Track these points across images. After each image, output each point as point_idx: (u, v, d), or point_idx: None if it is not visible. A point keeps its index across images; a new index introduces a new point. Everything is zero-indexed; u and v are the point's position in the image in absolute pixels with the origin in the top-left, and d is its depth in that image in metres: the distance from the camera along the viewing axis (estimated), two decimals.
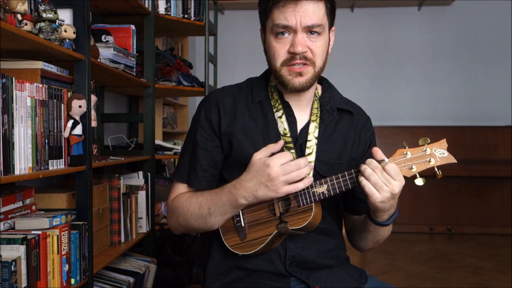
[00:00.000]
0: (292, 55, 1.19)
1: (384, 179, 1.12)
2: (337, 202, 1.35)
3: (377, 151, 1.16)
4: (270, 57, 1.24)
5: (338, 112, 1.33)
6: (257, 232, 1.21)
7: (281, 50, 1.20)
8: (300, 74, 1.21)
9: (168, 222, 1.34)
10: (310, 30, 1.19)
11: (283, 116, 1.28)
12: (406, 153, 1.16)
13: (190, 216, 1.24)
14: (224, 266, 1.28)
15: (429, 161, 1.16)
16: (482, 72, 4.95)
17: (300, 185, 1.12)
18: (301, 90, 1.23)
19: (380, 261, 3.57)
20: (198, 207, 1.22)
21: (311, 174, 1.19)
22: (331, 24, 1.25)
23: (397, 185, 1.12)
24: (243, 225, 1.22)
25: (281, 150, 1.17)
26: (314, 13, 1.17)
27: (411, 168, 1.16)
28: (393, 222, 1.25)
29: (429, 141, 1.17)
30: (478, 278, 3.19)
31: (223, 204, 1.18)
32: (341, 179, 1.17)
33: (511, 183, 4.44)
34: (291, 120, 1.29)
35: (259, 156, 1.14)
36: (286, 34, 1.19)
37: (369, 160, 1.13)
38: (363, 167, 1.13)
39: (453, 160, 1.16)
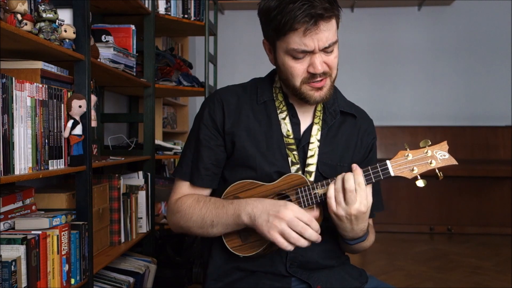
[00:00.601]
0: (312, 74, 1.19)
1: (347, 197, 1.12)
2: None
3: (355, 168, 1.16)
4: (287, 75, 1.22)
5: (341, 115, 1.33)
6: (258, 234, 1.20)
7: (299, 69, 1.19)
8: (320, 88, 1.21)
9: (168, 221, 1.34)
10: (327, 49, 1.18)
11: (287, 118, 1.28)
12: (408, 155, 1.17)
13: (192, 224, 1.25)
14: (225, 267, 1.28)
15: (430, 163, 1.16)
16: (482, 72, 4.95)
17: (288, 247, 1.12)
18: (321, 102, 1.25)
19: (380, 261, 3.57)
20: (201, 218, 1.23)
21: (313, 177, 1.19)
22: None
23: (355, 207, 1.12)
24: None
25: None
26: (330, 32, 1.16)
27: (413, 170, 1.16)
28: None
29: (430, 143, 1.18)
30: (478, 278, 3.19)
31: (227, 218, 1.19)
32: None
33: (511, 183, 4.44)
34: (295, 122, 1.29)
35: (292, 204, 1.15)
36: (303, 55, 1.18)
37: (348, 178, 1.13)
38: (338, 178, 1.15)
39: (454, 162, 1.17)
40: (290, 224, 1.11)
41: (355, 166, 1.15)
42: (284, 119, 1.28)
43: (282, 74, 1.24)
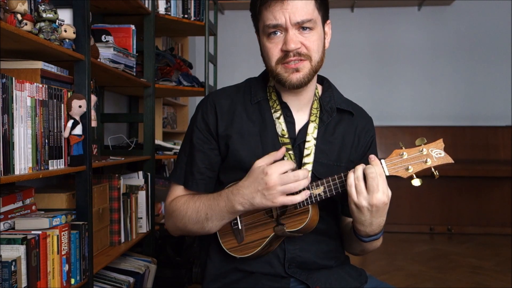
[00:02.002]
0: (286, 53, 1.19)
1: (369, 184, 1.10)
2: (336, 203, 1.35)
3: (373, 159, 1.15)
4: (265, 57, 1.24)
5: (338, 113, 1.32)
6: (254, 235, 1.20)
7: (274, 49, 1.20)
8: (296, 70, 1.20)
9: (166, 224, 1.34)
10: (301, 26, 1.18)
11: (281, 117, 1.27)
12: (403, 154, 1.15)
13: (187, 221, 1.24)
14: (223, 269, 1.28)
15: (426, 162, 1.14)
16: (482, 72, 4.95)
17: (297, 198, 1.12)
18: (299, 86, 1.22)
19: (380, 261, 3.57)
20: (195, 212, 1.22)
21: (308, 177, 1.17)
22: (324, 17, 1.24)
23: (378, 197, 1.10)
24: (240, 227, 1.22)
25: (283, 157, 1.17)
26: (303, 8, 1.17)
27: (408, 169, 1.14)
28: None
29: (425, 141, 1.16)
30: (478, 278, 3.20)
31: (220, 210, 1.18)
32: (337, 181, 1.16)
33: (511, 183, 4.44)
34: (289, 121, 1.28)
35: (259, 163, 1.14)
36: (278, 33, 1.19)
37: (369, 166, 1.12)
38: (357, 167, 1.13)
39: (450, 160, 1.15)
40: (282, 182, 1.10)
41: (373, 157, 1.14)
42: (278, 118, 1.27)
43: (264, 60, 1.25)
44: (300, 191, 1.13)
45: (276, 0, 1.16)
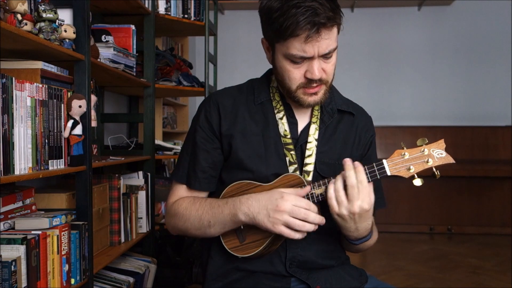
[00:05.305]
0: (309, 80, 1.18)
1: (349, 193, 1.10)
2: None
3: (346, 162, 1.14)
4: (284, 78, 1.21)
5: (339, 113, 1.33)
6: (256, 235, 1.20)
7: (296, 74, 1.19)
8: (314, 93, 1.21)
9: (166, 223, 1.34)
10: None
11: (284, 118, 1.28)
12: (404, 154, 1.16)
13: (190, 225, 1.25)
14: (224, 268, 1.28)
15: (427, 162, 1.15)
16: (482, 72, 4.95)
17: (296, 235, 1.13)
18: (315, 106, 1.26)
19: (380, 261, 3.57)
20: (198, 218, 1.23)
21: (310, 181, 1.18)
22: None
23: (358, 205, 1.11)
24: (242, 227, 1.22)
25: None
26: (330, 39, 1.15)
27: (409, 169, 1.15)
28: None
29: (427, 141, 1.16)
30: (478, 278, 3.19)
31: (224, 218, 1.19)
32: None
33: (511, 183, 4.44)
34: (292, 122, 1.29)
35: (282, 189, 1.15)
36: (301, 60, 1.17)
37: (349, 174, 1.11)
38: (337, 177, 1.13)
39: (451, 160, 1.16)
40: (292, 213, 1.11)
41: (347, 160, 1.13)
42: (281, 119, 1.28)
43: (279, 75, 1.24)
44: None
45: (312, 38, 1.12)
